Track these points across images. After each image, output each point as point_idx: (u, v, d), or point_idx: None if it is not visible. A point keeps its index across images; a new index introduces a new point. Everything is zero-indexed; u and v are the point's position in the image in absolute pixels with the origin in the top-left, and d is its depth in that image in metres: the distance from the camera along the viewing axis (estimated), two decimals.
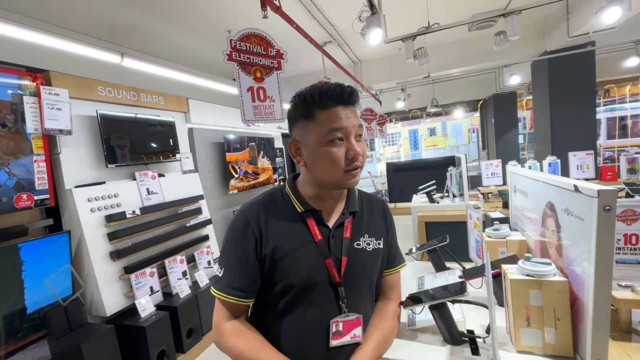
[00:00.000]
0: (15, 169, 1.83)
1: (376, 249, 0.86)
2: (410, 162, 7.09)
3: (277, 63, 1.50)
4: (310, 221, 0.80)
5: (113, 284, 2.16)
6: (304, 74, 4.39)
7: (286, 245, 0.77)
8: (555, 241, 0.84)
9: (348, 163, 0.75)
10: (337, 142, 0.74)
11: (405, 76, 3.99)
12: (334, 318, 0.78)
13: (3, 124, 1.79)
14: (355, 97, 0.79)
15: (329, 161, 0.75)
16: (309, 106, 0.76)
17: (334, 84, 0.77)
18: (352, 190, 0.91)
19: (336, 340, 0.76)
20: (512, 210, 1.22)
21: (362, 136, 0.81)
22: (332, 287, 0.79)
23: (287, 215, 0.81)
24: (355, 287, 0.82)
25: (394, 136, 18.21)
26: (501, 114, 6.31)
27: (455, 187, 2.78)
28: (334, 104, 0.75)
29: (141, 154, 2.56)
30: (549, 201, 0.87)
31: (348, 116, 0.75)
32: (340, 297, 0.79)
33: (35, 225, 2.00)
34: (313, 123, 0.76)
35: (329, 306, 0.78)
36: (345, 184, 0.78)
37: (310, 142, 0.77)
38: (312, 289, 0.77)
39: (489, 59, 4.02)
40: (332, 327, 0.77)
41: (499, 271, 0.87)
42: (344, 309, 0.78)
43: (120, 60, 1.87)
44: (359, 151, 0.76)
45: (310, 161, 0.78)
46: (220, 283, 0.78)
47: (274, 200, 0.84)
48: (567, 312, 0.72)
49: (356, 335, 0.78)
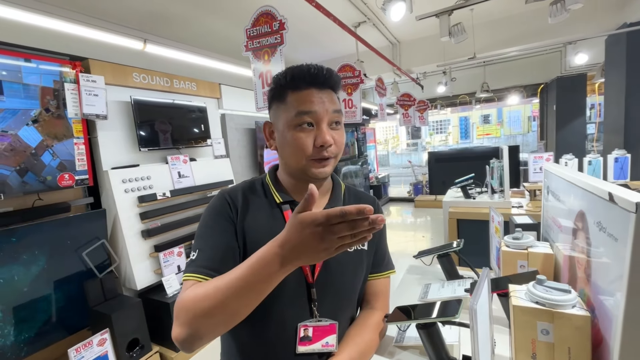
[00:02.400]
0: (58, 150, 2.00)
1: (358, 251, 0.77)
2: (455, 152, 6.61)
3: (280, 37, 1.40)
4: (287, 213, 0.74)
5: (144, 261, 2.31)
6: (338, 58, 4.21)
7: (260, 237, 0.70)
8: (583, 262, 0.67)
9: (316, 152, 0.68)
10: (305, 127, 0.68)
11: (448, 58, 3.64)
12: (303, 321, 0.71)
13: (47, 109, 1.95)
14: (332, 80, 0.70)
15: (294, 146, 0.69)
16: (282, 87, 0.71)
17: (310, 65, 0.69)
18: (338, 185, 0.83)
19: (304, 347, 0.70)
20: (544, 216, 1.03)
21: (340, 124, 0.73)
22: (305, 289, 0.72)
23: (264, 206, 0.76)
24: (331, 291, 0.74)
25: (442, 123, 17.17)
26: (565, 100, 5.53)
27: (496, 182, 2.50)
28: (306, 85, 0.69)
29: (173, 139, 2.67)
30: (580, 210, 0.69)
31: (322, 100, 0.68)
32: (313, 300, 0.72)
33: (77, 203, 2.19)
34: (284, 105, 0.71)
35: (300, 309, 0.72)
36: (310, 173, 0.70)
37: (280, 125, 0.72)
38: (282, 288, 0.68)
39: (550, 35, 3.49)
40: (300, 332, 0.70)
41: (505, 290, 0.73)
42: (316, 312, 0.72)
43: (143, 47, 1.92)
44: (328, 140, 0.68)
45: (279, 145, 0.74)
46: (194, 265, 0.66)
47: (253, 189, 0.79)
48: (586, 355, 0.57)
49: (329, 343, 0.70)
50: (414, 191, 7.37)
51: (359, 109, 2.58)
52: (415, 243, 4.59)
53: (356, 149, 6.75)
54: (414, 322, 0.71)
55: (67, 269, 1.96)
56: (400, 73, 3.96)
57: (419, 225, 5.63)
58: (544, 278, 0.62)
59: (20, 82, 1.83)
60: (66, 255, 1.95)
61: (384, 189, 7.56)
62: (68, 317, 1.97)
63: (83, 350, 1.76)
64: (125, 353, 1.94)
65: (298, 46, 3.79)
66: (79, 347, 1.74)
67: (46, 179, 1.94)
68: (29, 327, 1.79)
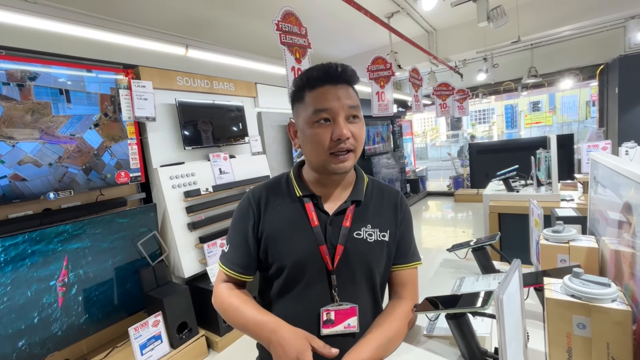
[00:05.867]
0: (115, 151, 2.23)
1: (379, 241, 0.79)
2: (499, 143, 6.21)
3: (307, 42, 1.45)
4: (309, 206, 0.79)
5: (190, 251, 2.49)
6: (371, 50, 4.14)
7: (281, 228, 0.79)
8: (629, 256, 0.63)
9: (333, 145, 0.72)
10: (322, 123, 0.73)
11: (489, 43, 3.42)
12: (325, 306, 0.76)
13: (105, 113, 2.18)
14: (347, 75, 0.74)
15: (314, 142, 0.74)
16: (300, 88, 0.77)
17: (324, 64, 0.74)
18: (361, 178, 0.86)
19: (327, 329, 0.74)
20: (590, 209, 0.96)
21: (358, 117, 0.76)
22: (326, 275, 0.77)
23: (286, 199, 0.82)
24: (352, 277, 0.78)
25: (485, 113, 16.14)
26: (629, 82, 4.93)
27: (543, 174, 2.34)
28: (321, 83, 0.73)
29: (214, 137, 2.83)
30: (627, 201, 0.65)
31: (337, 96, 0.72)
32: (333, 286, 0.76)
33: (132, 198, 2.42)
34: (302, 105, 0.76)
35: (322, 294, 0.77)
36: (331, 168, 0.75)
37: (301, 124, 0.77)
38: (304, 274, 0.76)
39: (609, 10, 3.14)
40: (323, 316, 0.75)
41: (541, 285, 0.70)
42: (336, 297, 0.76)
43: (185, 52, 2.05)
44: (345, 133, 0.71)
45: (302, 143, 0.79)
46: (225, 257, 0.84)
47: (277, 184, 0.86)
48: (627, 352, 0.54)
49: (350, 325, 0.75)
50: (454, 185, 7.07)
51: (391, 102, 2.54)
52: (455, 239, 4.42)
53: (392, 142, 6.61)
54: (442, 312, 0.72)
55: (126, 257, 2.19)
56: (437, 62, 3.81)
57: (459, 221, 5.40)
58: (581, 271, 0.60)
59: (84, 90, 2.06)
60: (125, 245, 2.18)
61: (422, 183, 7.33)
62: (127, 300, 2.20)
63: (141, 329, 1.96)
64: (176, 335, 2.13)
65: (330, 42, 3.79)
66: (137, 326, 1.94)
67: (106, 177, 2.18)
68: (97, 308, 2.02)
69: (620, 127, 5.12)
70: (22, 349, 1.69)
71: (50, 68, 1.89)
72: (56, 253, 1.82)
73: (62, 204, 2.03)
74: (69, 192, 1.96)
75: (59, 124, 1.93)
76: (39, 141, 1.85)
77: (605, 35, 4.84)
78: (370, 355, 0.69)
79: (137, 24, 2.10)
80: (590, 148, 2.29)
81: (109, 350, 2.10)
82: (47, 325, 1.78)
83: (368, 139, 5.73)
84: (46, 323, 1.78)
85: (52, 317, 1.80)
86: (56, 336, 1.82)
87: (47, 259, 1.78)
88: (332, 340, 0.74)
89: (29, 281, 1.71)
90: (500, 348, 0.55)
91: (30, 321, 1.72)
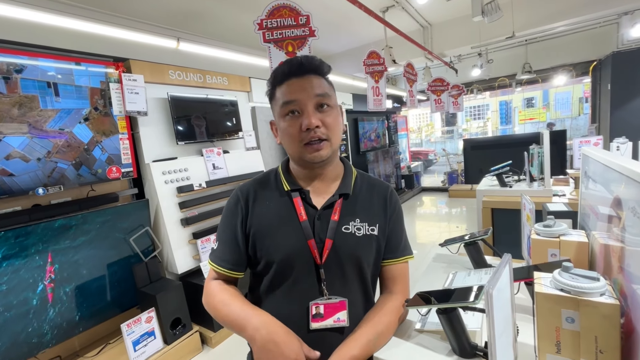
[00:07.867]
0: (106, 145, 2.19)
1: (368, 235, 0.79)
2: (493, 139, 6.25)
3: (309, 30, 1.45)
4: (297, 200, 0.79)
5: (183, 247, 2.48)
6: (366, 45, 4.12)
7: (269, 223, 0.79)
8: (617, 250, 0.63)
9: (304, 136, 0.73)
10: (292, 115, 0.74)
11: (484, 38, 3.42)
12: (314, 300, 0.76)
13: (95, 107, 2.14)
14: (311, 64, 0.75)
15: (287, 135, 0.76)
16: (273, 86, 0.79)
17: (290, 58, 0.77)
18: (349, 171, 0.86)
19: (317, 323, 0.74)
20: (581, 203, 0.96)
21: (329, 106, 0.76)
22: (315, 270, 0.77)
23: (275, 194, 0.82)
24: (341, 271, 0.78)
25: (480, 109, 16.25)
26: (621, 78, 4.98)
27: (536, 170, 2.35)
28: (286, 77, 0.75)
29: (207, 132, 2.80)
30: (617, 195, 0.65)
31: (302, 87, 0.74)
32: (322, 280, 0.76)
33: (124, 193, 2.39)
34: (274, 101, 0.79)
35: (310, 288, 0.77)
36: (307, 158, 0.76)
37: (276, 119, 0.80)
38: (293, 269, 0.76)
39: (603, 5, 3.14)
40: (312, 309, 0.75)
41: (531, 279, 0.71)
42: (325, 291, 0.76)
43: (177, 45, 2.02)
44: (313, 122, 0.72)
45: (280, 138, 0.81)
46: (214, 254, 0.84)
47: (266, 179, 0.86)
48: (615, 345, 0.55)
49: (340, 319, 0.74)
50: (448, 180, 7.10)
51: (384, 97, 2.52)
52: (449, 234, 4.46)
53: (387, 138, 6.61)
54: (433, 307, 0.72)
55: (118, 253, 2.16)
56: (432, 57, 3.80)
57: (453, 216, 5.44)
58: (570, 265, 0.60)
59: (73, 84, 2.01)
60: (117, 241, 2.15)
61: (417, 179, 7.36)
62: (119, 296, 2.18)
63: (133, 325, 1.94)
64: (169, 330, 2.12)
65: (325, 35, 3.76)
66: (129, 322, 1.93)
67: (97, 172, 2.14)
68: (88, 304, 2.00)
69: (612, 123, 5.18)
70: (13, 345, 1.67)
71: (37, 60, 1.85)
72: (46, 249, 1.80)
73: (52, 200, 2.00)
74: (58, 187, 1.93)
75: (47, 118, 1.89)
76: (27, 135, 1.81)
77: (599, 32, 4.87)
78: (360, 351, 0.69)
79: (127, 16, 2.06)
80: (582, 144, 2.31)
81: (102, 346, 2.08)
82: (37, 322, 1.76)
83: (364, 134, 5.72)
84: (36, 320, 1.76)
85: (42, 313, 1.78)
86: (47, 333, 1.81)
87: (36, 256, 1.76)
88: (322, 334, 0.74)
89: (18, 277, 1.68)
90: (490, 342, 0.56)
91: (20, 318, 1.70)
